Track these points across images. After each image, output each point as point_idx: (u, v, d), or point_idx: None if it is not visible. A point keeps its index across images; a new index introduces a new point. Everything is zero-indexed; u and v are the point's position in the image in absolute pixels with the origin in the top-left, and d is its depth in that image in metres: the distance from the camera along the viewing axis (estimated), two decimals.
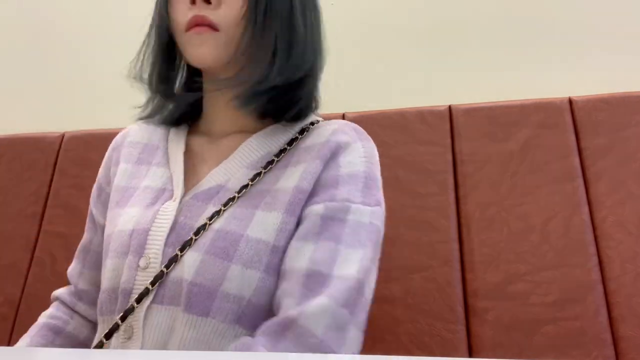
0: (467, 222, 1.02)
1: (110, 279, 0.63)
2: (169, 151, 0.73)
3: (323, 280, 0.57)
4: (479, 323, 0.95)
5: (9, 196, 1.25)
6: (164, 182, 0.69)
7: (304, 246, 0.60)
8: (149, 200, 0.67)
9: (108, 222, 0.69)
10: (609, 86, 1.10)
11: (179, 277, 0.59)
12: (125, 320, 0.59)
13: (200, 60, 0.66)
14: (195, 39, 0.64)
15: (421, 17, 1.31)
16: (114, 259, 0.63)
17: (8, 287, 1.16)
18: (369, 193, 0.66)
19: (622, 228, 0.96)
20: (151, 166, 0.72)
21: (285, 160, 0.68)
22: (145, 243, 0.62)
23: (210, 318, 0.58)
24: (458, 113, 1.11)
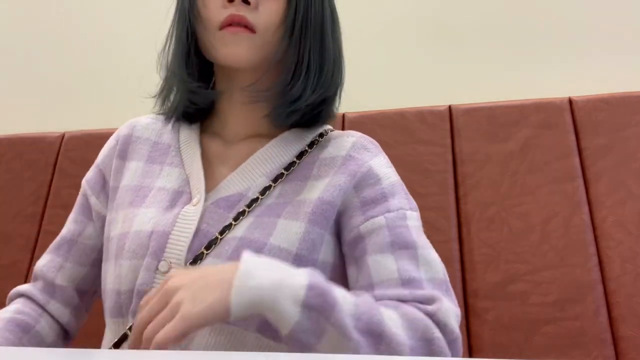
0: (467, 222, 1.02)
1: (127, 280, 0.62)
2: (182, 152, 0.72)
3: (418, 284, 0.60)
4: (479, 323, 0.95)
5: (9, 196, 1.25)
6: (180, 184, 0.68)
7: (384, 258, 0.62)
8: (167, 203, 0.66)
9: (120, 222, 0.67)
10: (609, 86, 1.10)
11: None
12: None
13: (232, 60, 0.64)
14: (230, 38, 0.63)
15: (421, 17, 1.31)
16: (131, 259, 0.62)
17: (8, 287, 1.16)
18: (409, 199, 0.70)
19: (622, 228, 0.96)
20: (164, 166, 0.71)
21: (305, 171, 0.68)
22: (165, 246, 0.61)
23: (232, 326, 0.58)
24: (458, 113, 1.11)
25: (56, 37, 1.52)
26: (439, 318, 0.57)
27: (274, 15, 0.64)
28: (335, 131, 0.76)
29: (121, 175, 0.72)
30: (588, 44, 1.21)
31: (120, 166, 0.73)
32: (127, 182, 0.71)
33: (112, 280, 0.63)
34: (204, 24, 0.66)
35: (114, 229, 0.67)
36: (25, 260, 1.17)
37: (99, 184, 0.75)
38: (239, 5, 0.63)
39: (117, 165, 0.73)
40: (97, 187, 0.75)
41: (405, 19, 1.32)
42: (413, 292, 0.59)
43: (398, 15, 1.33)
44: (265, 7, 0.64)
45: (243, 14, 0.63)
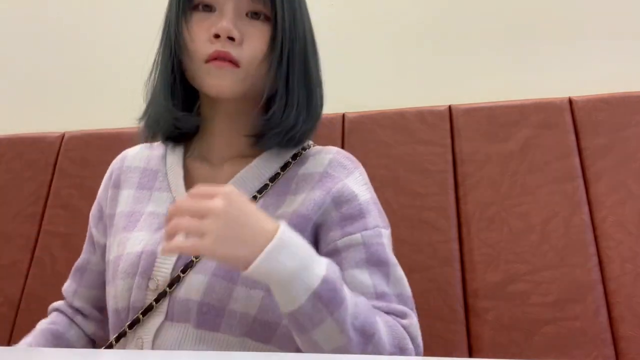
0: (467, 222, 1.02)
1: (123, 298, 0.66)
2: (168, 176, 0.76)
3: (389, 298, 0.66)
4: (479, 323, 0.95)
5: (9, 196, 1.25)
6: (168, 207, 0.71)
7: (360, 274, 0.66)
8: (156, 225, 0.70)
9: (116, 246, 0.72)
10: (609, 86, 1.10)
11: (187, 297, 0.63)
12: (134, 331, 0.64)
13: (217, 91, 0.68)
14: (215, 72, 0.67)
15: (421, 17, 1.31)
16: (125, 279, 0.66)
17: (8, 287, 1.16)
18: (383, 216, 0.73)
19: (622, 228, 0.96)
20: (153, 191, 0.75)
21: (284, 187, 0.72)
22: (153, 265, 0.65)
23: (220, 333, 0.62)
24: (458, 113, 1.11)
25: (56, 37, 1.52)
26: (411, 332, 0.63)
27: (257, 51, 0.68)
28: (315, 147, 0.79)
29: (116, 203, 0.77)
30: (588, 44, 1.21)
31: (115, 195, 0.78)
32: (122, 209, 0.76)
33: (111, 300, 0.68)
34: (190, 56, 0.70)
35: (112, 252, 0.72)
36: (25, 260, 1.17)
37: (96, 215, 0.81)
38: (225, 42, 0.67)
39: (112, 195, 0.78)
40: (96, 218, 0.81)
41: (405, 19, 1.32)
42: (388, 305, 0.65)
43: (398, 16, 1.33)
44: (248, 44, 0.68)
45: (228, 49, 0.67)
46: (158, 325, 0.63)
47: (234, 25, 0.67)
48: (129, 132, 1.23)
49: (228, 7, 0.68)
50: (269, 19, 0.69)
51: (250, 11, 0.69)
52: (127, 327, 0.64)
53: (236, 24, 0.67)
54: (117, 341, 0.65)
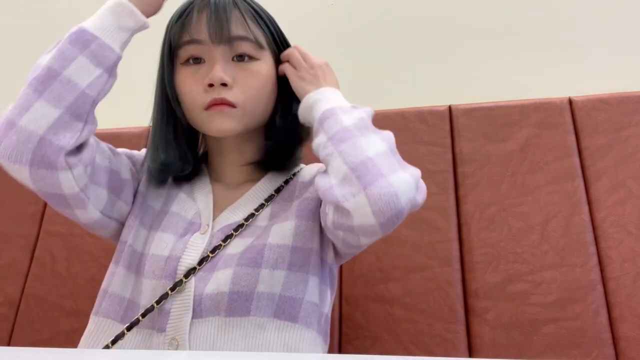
0: (467, 222, 1.02)
1: (146, 297, 0.70)
2: (194, 191, 0.83)
3: None
4: (479, 323, 0.95)
5: (9, 196, 1.25)
6: (193, 215, 0.78)
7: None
8: (181, 230, 0.76)
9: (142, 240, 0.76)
10: (609, 86, 1.10)
11: (216, 291, 0.68)
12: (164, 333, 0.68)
13: (222, 133, 0.75)
14: (216, 115, 0.74)
15: (421, 17, 1.31)
16: (151, 279, 0.71)
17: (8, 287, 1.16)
18: None
19: (622, 228, 0.96)
20: (180, 192, 0.82)
21: (288, 196, 0.81)
22: (176, 269, 0.70)
23: (251, 316, 0.67)
24: (458, 113, 1.11)
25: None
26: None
27: (250, 89, 0.75)
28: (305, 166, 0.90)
29: (146, 190, 0.81)
30: (588, 44, 1.21)
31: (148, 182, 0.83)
32: (152, 205, 0.80)
33: (131, 292, 0.72)
34: (189, 106, 0.76)
35: (135, 242, 0.75)
36: (25, 260, 1.17)
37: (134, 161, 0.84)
38: (219, 89, 0.73)
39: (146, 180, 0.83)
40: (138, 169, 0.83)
41: (405, 19, 1.32)
42: None
43: (398, 16, 1.33)
44: (240, 85, 0.75)
45: (223, 95, 0.73)
46: (189, 324, 0.67)
47: (224, 72, 0.73)
48: (129, 132, 1.23)
49: (216, 56, 0.74)
50: (253, 58, 0.76)
51: (236, 55, 0.75)
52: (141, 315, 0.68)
53: (226, 70, 0.73)
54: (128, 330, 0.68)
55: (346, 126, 0.68)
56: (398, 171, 0.64)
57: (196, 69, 0.75)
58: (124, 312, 0.71)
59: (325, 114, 0.71)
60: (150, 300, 0.69)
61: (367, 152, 0.65)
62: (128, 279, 0.73)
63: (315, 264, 0.74)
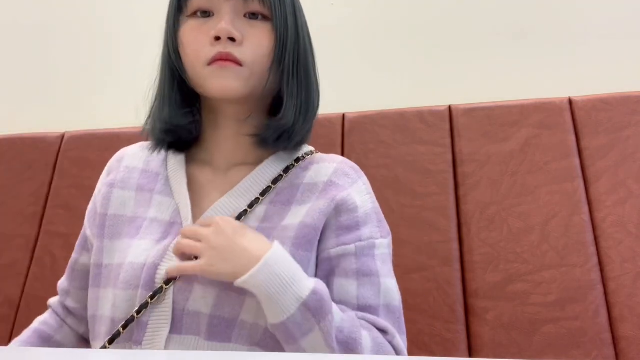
0: (467, 222, 1.02)
1: (121, 310, 0.65)
2: (170, 181, 0.75)
3: (374, 312, 0.67)
4: (479, 323, 0.95)
5: (9, 196, 1.25)
6: (172, 214, 0.71)
7: (348, 284, 0.68)
8: (159, 235, 0.69)
9: (117, 252, 0.70)
10: (609, 86, 1.10)
11: (197, 310, 0.63)
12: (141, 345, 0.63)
13: (222, 92, 0.68)
14: (219, 72, 0.67)
15: (421, 17, 1.31)
16: (125, 290, 0.65)
17: (8, 287, 1.16)
18: (382, 226, 0.74)
19: (622, 228, 0.96)
20: (154, 194, 0.74)
21: (289, 196, 0.72)
22: (154, 278, 0.64)
23: (232, 343, 0.62)
24: (458, 113, 1.11)
25: (57, 37, 1.52)
26: (395, 345, 0.65)
27: (259, 49, 0.68)
28: (318, 154, 0.79)
29: (108, 202, 0.74)
30: (588, 44, 1.21)
31: (108, 194, 0.75)
32: (118, 212, 0.73)
33: (109, 308, 0.66)
34: (192, 61, 0.69)
35: (108, 258, 0.70)
36: (25, 260, 1.17)
37: (91, 214, 0.78)
38: (226, 43, 0.67)
39: (105, 194, 0.76)
40: (90, 218, 0.78)
41: (405, 19, 1.32)
42: (373, 319, 0.66)
43: (398, 16, 1.33)
44: (250, 42, 0.68)
45: (230, 50, 0.67)
46: (165, 337, 0.62)
47: (233, 26, 0.66)
48: (128, 132, 1.23)
49: (226, 9, 0.68)
50: (267, 19, 0.69)
51: (248, 12, 0.69)
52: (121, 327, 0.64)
53: (235, 25, 0.67)
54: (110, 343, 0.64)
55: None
56: None
57: (204, 21, 0.69)
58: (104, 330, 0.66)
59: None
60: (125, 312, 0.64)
61: None
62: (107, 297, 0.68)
63: None
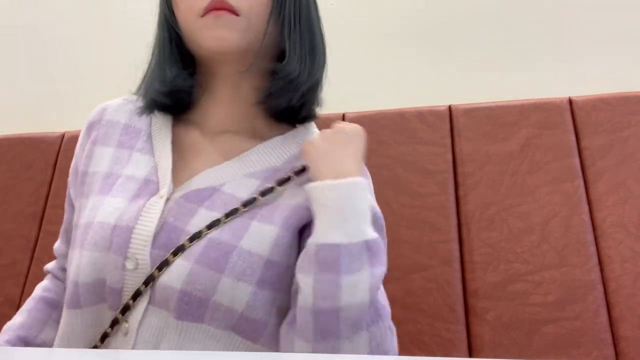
0: (467, 222, 1.02)
1: (89, 273, 0.59)
2: (153, 138, 0.69)
3: None
4: (479, 323, 0.95)
5: (9, 196, 1.25)
6: (148, 172, 0.65)
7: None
8: (133, 192, 0.63)
9: (88, 209, 0.64)
10: (609, 86, 1.10)
11: (168, 284, 0.57)
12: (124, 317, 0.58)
13: (217, 43, 0.62)
14: (214, 22, 0.62)
15: (421, 17, 1.31)
16: (93, 252, 0.59)
17: (8, 287, 1.16)
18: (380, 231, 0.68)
19: (622, 228, 0.96)
20: (133, 151, 0.68)
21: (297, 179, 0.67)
22: (129, 242, 0.58)
23: (205, 324, 0.57)
24: (458, 113, 1.11)
25: (57, 37, 1.52)
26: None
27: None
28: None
29: (90, 160, 0.69)
30: (588, 44, 1.21)
31: (90, 151, 0.70)
32: (97, 168, 0.68)
33: (71, 270, 0.60)
34: (184, 14, 0.65)
35: (82, 216, 0.64)
36: (25, 260, 1.17)
37: (72, 173, 0.73)
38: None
39: (88, 151, 0.70)
40: (72, 176, 0.73)
41: (405, 19, 1.32)
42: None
43: (398, 16, 1.33)
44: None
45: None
46: (143, 310, 0.57)
47: None
48: None
49: None
50: None
51: None
52: (120, 313, 0.58)
53: None
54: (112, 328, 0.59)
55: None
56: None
57: None
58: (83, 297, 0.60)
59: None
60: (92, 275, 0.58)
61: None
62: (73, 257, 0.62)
63: (289, 282, 0.62)
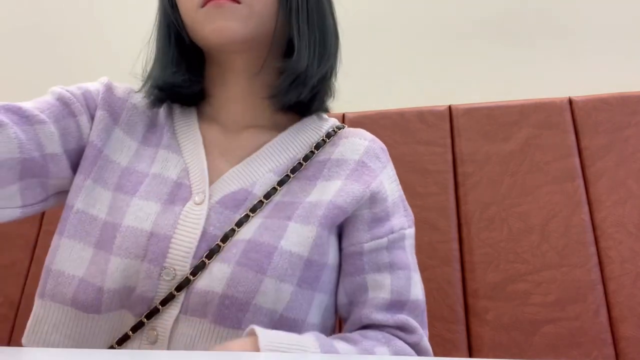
0: (467, 222, 1.02)
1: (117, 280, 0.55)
2: (178, 135, 0.66)
3: (402, 306, 0.63)
4: (479, 323, 0.95)
5: None
6: (179, 174, 0.62)
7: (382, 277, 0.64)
8: (165, 197, 0.60)
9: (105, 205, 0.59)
10: (609, 86, 1.10)
11: (207, 288, 0.55)
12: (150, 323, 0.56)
13: (219, 34, 0.59)
14: (214, 13, 0.58)
15: (421, 17, 1.31)
16: (123, 258, 0.55)
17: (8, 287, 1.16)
18: (408, 214, 0.70)
19: (622, 228, 0.96)
20: (159, 149, 0.65)
21: (314, 171, 0.66)
22: (167, 252, 0.56)
23: (241, 330, 0.54)
24: (458, 113, 1.11)
25: (57, 36, 1.52)
26: (421, 348, 0.61)
27: None
28: (346, 129, 0.73)
29: (108, 139, 0.63)
30: (588, 44, 1.21)
31: (109, 128, 0.63)
32: (115, 157, 0.62)
33: (91, 273, 0.56)
34: (185, 6, 0.62)
35: (84, 203, 0.59)
36: (25, 260, 1.17)
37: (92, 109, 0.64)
38: None
39: (106, 126, 0.63)
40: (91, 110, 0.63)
41: (405, 19, 1.32)
42: (395, 316, 0.62)
43: (398, 16, 1.33)
44: None
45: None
46: (174, 318, 0.55)
47: None
48: None
49: None
50: None
51: None
52: (145, 317, 0.55)
53: None
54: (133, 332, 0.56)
55: None
56: None
57: None
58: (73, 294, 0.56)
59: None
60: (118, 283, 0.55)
61: None
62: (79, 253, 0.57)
63: (326, 281, 0.62)
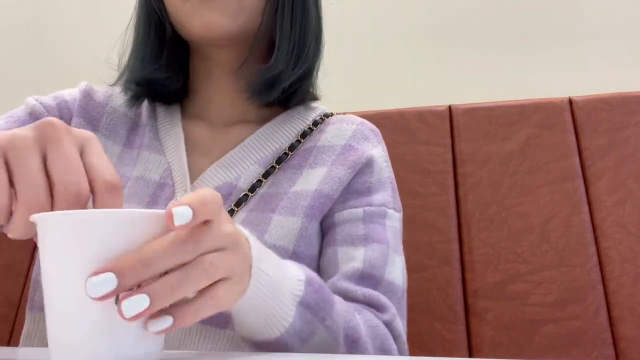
0: (467, 222, 1.02)
1: None
2: (160, 134, 0.64)
3: (375, 283, 0.58)
4: (479, 323, 0.95)
5: None
6: (162, 174, 0.60)
7: (354, 250, 0.59)
8: (148, 198, 0.59)
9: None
10: (609, 86, 1.10)
11: None
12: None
13: (206, 28, 0.57)
14: (200, 5, 0.56)
15: (421, 17, 1.31)
16: None
17: (8, 287, 1.16)
18: (396, 198, 0.67)
19: (622, 228, 0.96)
20: (141, 150, 0.63)
21: (300, 159, 0.64)
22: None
23: (228, 330, 0.53)
24: (458, 113, 1.11)
25: (57, 36, 1.52)
26: (394, 329, 0.56)
27: None
28: (335, 116, 0.71)
29: None
30: (588, 44, 1.21)
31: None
32: None
33: None
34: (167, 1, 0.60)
35: None
36: (25, 260, 1.17)
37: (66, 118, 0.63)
38: None
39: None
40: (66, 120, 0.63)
41: (405, 19, 1.32)
42: (365, 289, 0.56)
43: (398, 16, 1.33)
44: None
45: None
46: None
47: None
48: None
49: None
50: None
51: None
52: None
53: None
54: None
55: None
56: None
57: None
58: None
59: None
60: None
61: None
62: None
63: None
